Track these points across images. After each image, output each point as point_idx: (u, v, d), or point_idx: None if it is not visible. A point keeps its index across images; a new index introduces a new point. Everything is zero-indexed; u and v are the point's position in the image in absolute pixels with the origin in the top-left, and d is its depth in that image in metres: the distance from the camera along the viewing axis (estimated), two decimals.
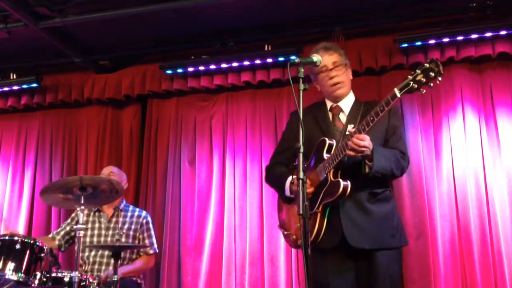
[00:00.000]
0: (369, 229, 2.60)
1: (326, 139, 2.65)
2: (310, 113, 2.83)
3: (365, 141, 2.47)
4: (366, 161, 2.54)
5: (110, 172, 4.13)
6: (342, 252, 2.63)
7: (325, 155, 2.62)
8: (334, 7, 4.22)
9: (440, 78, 2.27)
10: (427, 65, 2.30)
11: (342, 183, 2.52)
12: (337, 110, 2.82)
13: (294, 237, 2.76)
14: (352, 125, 2.65)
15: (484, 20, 4.06)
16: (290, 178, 2.77)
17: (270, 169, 3.01)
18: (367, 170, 2.55)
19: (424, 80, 2.30)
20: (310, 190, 2.63)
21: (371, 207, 2.63)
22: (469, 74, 4.25)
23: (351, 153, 2.48)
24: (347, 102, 2.83)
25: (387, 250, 2.62)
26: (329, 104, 2.86)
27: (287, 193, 2.79)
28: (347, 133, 2.59)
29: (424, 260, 4.00)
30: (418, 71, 2.32)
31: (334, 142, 2.64)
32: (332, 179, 2.57)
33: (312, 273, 2.73)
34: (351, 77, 2.89)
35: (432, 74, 2.27)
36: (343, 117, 2.80)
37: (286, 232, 2.85)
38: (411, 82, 2.33)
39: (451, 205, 4.07)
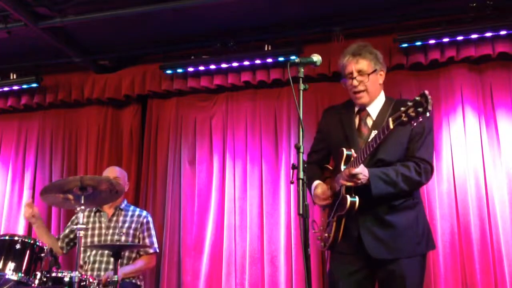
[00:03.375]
0: (390, 241, 2.61)
1: (344, 150, 2.66)
2: (337, 114, 2.86)
3: (356, 173, 2.50)
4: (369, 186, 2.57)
5: (115, 176, 4.10)
6: (361, 261, 2.66)
7: (342, 167, 2.64)
8: (334, 7, 4.22)
9: (428, 114, 2.25)
10: (418, 98, 2.27)
11: (349, 199, 2.56)
12: (364, 115, 2.80)
13: (319, 237, 2.84)
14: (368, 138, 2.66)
15: (484, 20, 4.05)
16: (315, 184, 2.82)
17: (307, 165, 3.02)
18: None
19: (413, 115, 2.28)
20: (328, 201, 2.73)
21: (392, 219, 2.63)
22: (469, 74, 4.25)
23: (347, 183, 2.55)
24: (375, 106, 2.80)
25: (408, 258, 2.62)
26: (357, 107, 2.84)
27: (312, 198, 2.84)
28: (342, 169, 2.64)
29: None
30: (410, 104, 2.30)
31: (352, 152, 2.64)
32: (344, 193, 2.60)
33: (328, 272, 2.78)
34: (381, 81, 2.83)
35: (421, 109, 2.25)
36: (370, 122, 2.77)
37: (314, 232, 2.91)
38: (403, 115, 2.33)
39: (451, 205, 4.06)
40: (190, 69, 4.65)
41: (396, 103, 2.73)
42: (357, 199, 2.56)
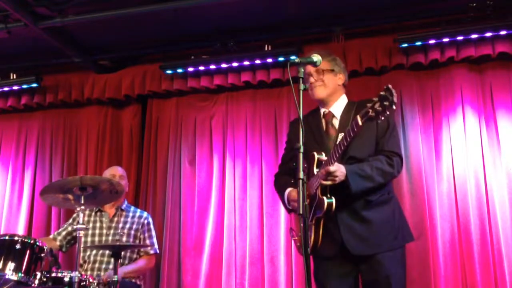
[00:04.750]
0: (369, 236, 2.63)
1: (315, 153, 2.67)
2: (306, 123, 2.86)
3: (333, 171, 2.50)
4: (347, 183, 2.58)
5: (120, 175, 4.11)
6: (343, 257, 2.67)
7: (315, 170, 2.65)
8: (334, 7, 4.22)
9: (394, 107, 2.25)
10: (382, 93, 2.27)
11: (326, 201, 2.56)
12: (329, 117, 2.84)
13: (298, 244, 2.83)
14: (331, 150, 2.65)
15: (484, 20, 4.06)
16: (287, 191, 2.81)
17: (277, 177, 3.06)
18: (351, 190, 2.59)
19: (380, 109, 2.29)
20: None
21: (368, 215, 2.66)
22: (469, 74, 4.25)
23: (325, 182, 2.54)
24: (338, 106, 2.85)
25: (388, 251, 2.64)
26: (322, 110, 2.89)
27: (287, 205, 2.84)
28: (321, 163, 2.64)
29: (424, 260, 4.00)
30: (376, 99, 2.31)
31: (323, 155, 2.65)
32: (320, 195, 2.60)
33: (313, 276, 2.79)
34: (340, 83, 2.88)
35: (387, 103, 2.25)
36: (336, 123, 2.82)
37: (293, 239, 2.91)
38: (370, 111, 2.33)
39: (451, 205, 4.07)
40: (190, 69, 4.65)
41: (359, 104, 2.76)
42: (333, 200, 2.56)
